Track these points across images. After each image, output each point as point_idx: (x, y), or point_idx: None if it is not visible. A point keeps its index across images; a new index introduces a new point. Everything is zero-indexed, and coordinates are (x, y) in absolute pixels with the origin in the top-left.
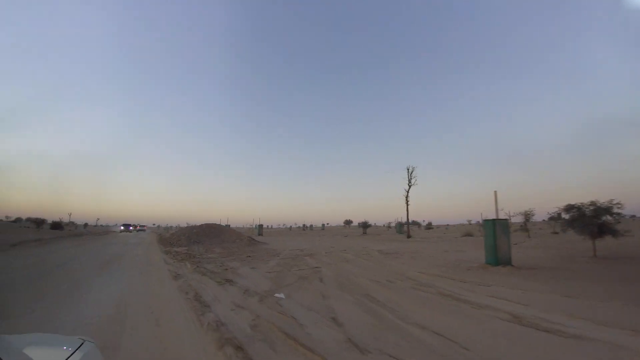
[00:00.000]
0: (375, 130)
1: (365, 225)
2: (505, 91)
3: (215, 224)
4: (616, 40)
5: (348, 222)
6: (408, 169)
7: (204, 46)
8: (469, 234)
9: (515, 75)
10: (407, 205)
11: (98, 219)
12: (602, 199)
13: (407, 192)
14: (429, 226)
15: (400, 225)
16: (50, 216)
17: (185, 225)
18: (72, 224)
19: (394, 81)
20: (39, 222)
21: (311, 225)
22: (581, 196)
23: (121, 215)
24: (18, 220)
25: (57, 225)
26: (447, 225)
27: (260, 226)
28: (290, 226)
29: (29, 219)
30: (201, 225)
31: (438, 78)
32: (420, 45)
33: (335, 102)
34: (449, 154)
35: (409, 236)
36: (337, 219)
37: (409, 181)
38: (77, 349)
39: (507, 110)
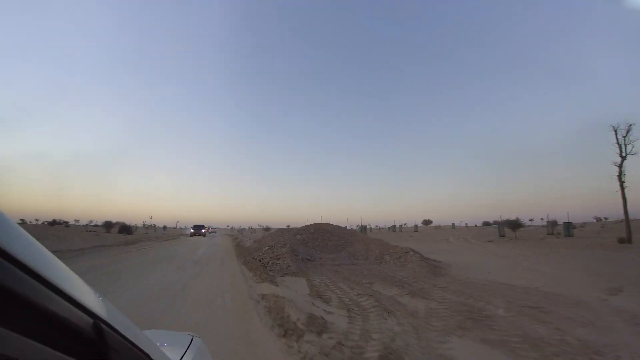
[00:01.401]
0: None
1: (514, 225)
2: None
3: (330, 224)
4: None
5: (427, 222)
6: (615, 130)
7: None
8: None
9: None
10: (623, 188)
11: (178, 221)
12: None
13: (620, 166)
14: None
15: (568, 225)
16: (135, 220)
17: (259, 227)
18: (152, 226)
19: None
20: (108, 226)
21: (401, 226)
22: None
23: (198, 218)
24: (107, 224)
25: (124, 229)
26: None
27: (364, 228)
28: (366, 226)
29: (118, 223)
30: (307, 227)
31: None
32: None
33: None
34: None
35: (628, 240)
36: (407, 219)
37: (622, 149)
38: (190, 344)
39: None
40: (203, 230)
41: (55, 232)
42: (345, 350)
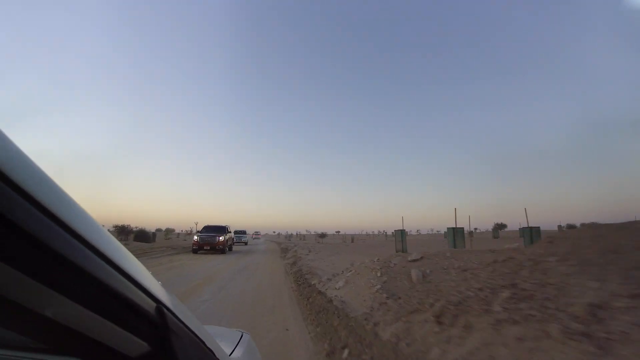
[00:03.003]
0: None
1: None
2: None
3: None
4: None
5: (501, 227)
6: None
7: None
8: None
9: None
10: None
11: None
12: None
13: None
14: None
15: None
16: (183, 226)
17: (307, 232)
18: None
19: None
20: (122, 232)
21: (471, 232)
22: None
23: (246, 224)
24: (120, 229)
25: (141, 236)
26: None
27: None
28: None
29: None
30: None
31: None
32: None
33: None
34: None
35: None
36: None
37: None
38: (240, 340)
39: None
40: (221, 239)
41: None
42: None
